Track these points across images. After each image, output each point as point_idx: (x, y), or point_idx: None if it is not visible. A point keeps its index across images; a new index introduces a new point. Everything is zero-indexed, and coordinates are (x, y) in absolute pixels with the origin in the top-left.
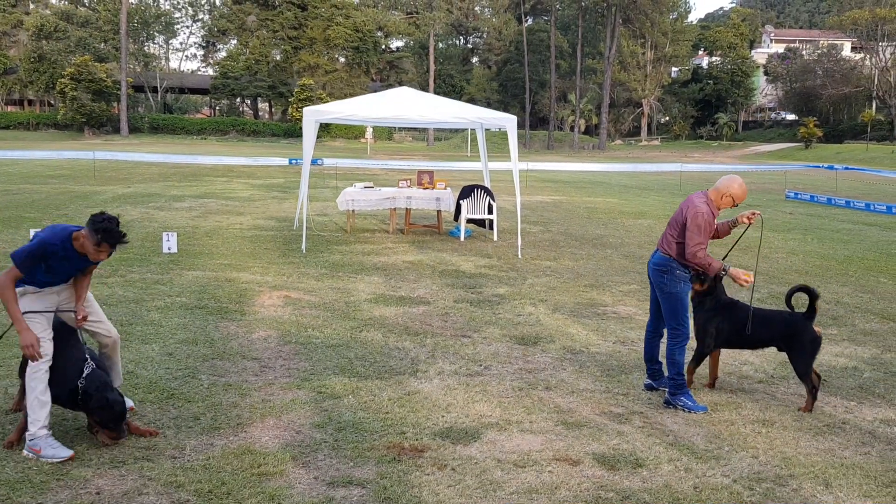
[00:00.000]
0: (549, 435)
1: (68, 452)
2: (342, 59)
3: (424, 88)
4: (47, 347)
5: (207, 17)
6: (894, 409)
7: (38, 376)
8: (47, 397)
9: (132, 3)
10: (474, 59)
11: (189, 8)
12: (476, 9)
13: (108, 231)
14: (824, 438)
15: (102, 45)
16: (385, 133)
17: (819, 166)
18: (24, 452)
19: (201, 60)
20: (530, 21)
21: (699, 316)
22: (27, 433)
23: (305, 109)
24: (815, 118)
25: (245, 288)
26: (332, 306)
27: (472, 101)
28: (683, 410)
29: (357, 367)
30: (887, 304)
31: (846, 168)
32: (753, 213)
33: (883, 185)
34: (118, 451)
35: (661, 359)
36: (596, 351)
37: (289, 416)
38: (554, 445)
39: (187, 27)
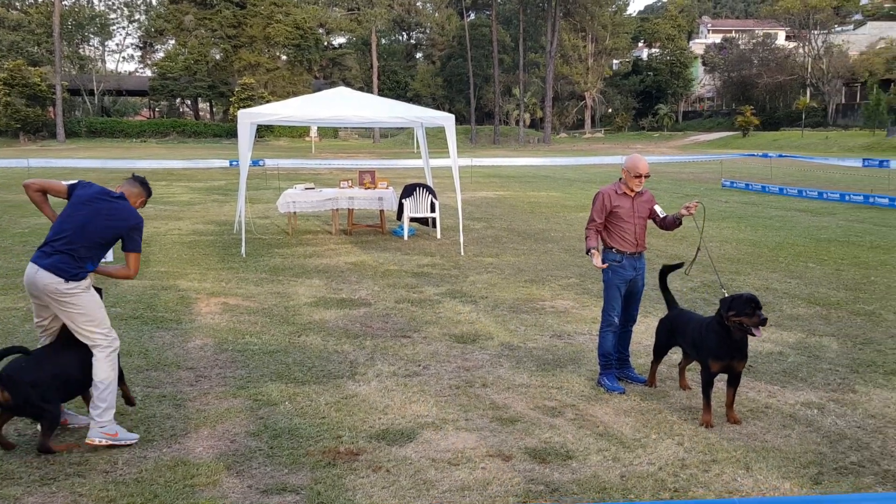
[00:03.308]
0: (483, 432)
1: (136, 436)
2: (283, 57)
3: (368, 85)
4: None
5: (144, 17)
6: (816, 393)
7: (116, 359)
8: None
9: (65, 5)
10: (418, 55)
11: (125, 9)
12: (418, 4)
13: (148, 186)
14: (747, 423)
15: (36, 48)
16: (330, 131)
17: (754, 154)
18: (95, 441)
19: (139, 62)
20: (472, 16)
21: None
22: (100, 420)
23: (240, 112)
24: (751, 106)
25: (182, 296)
26: (270, 312)
27: (417, 97)
28: (604, 390)
29: (295, 372)
30: (814, 288)
31: (780, 155)
32: (692, 205)
33: (815, 171)
34: (49, 467)
35: (622, 349)
36: (533, 346)
37: (224, 425)
38: (488, 442)
39: (123, 28)
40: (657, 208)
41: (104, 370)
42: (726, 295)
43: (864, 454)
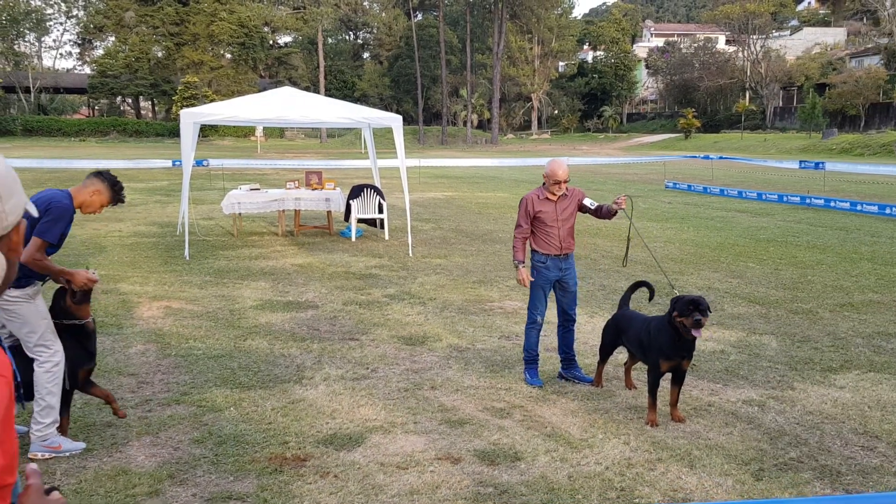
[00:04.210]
0: (432, 435)
1: (82, 445)
2: (228, 56)
3: (315, 85)
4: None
5: (82, 13)
6: (756, 390)
7: (60, 372)
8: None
9: None
10: (365, 55)
11: (62, 4)
12: (365, 4)
13: (122, 187)
14: (691, 421)
15: None
16: (276, 131)
17: (696, 156)
18: (38, 455)
19: (77, 59)
20: (419, 16)
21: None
22: (41, 434)
23: (182, 112)
24: (693, 109)
25: (123, 300)
26: (215, 315)
27: (364, 97)
28: (525, 382)
29: (240, 377)
30: (754, 288)
31: (721, 157)
32: (620, 200)
33: (755, 172)
34: None
35: (566, 350)
36: (481, 347)
37: (167, 432)
38: (437, 445)
39: (61, 24)
40: (587, 202)
41: (44, 384)
42: (677, 294)
43: (803, 450)
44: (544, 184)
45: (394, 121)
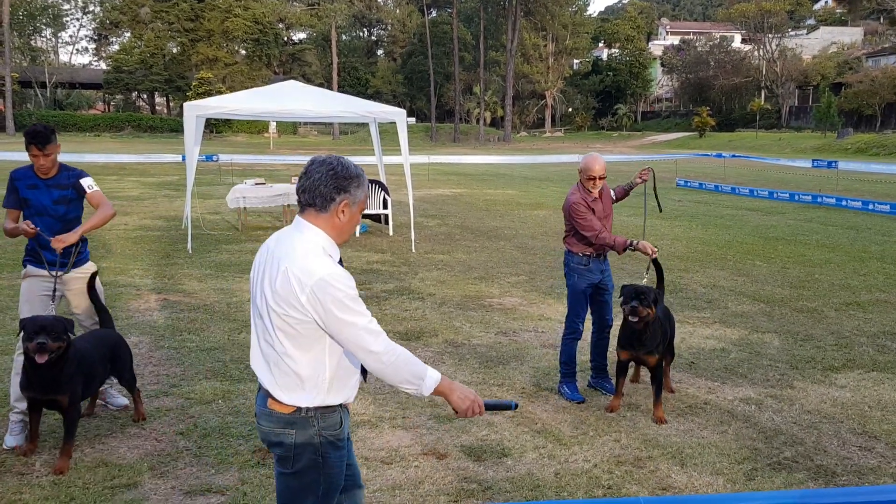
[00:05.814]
0: (420, 430)
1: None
2: (242, 52)
3: (328, 81)
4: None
5: (98, 8)
6: (755, 388)
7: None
8: None
9: None
10: (379, 52)
11: (78, 0)
12: (379, 0)
13: (29, 132)
14: (685, 419)
15: None
16: (289, 127)
17: (709, 154)
18: None
19: (93, 54)
20: (433, 13)
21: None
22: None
23: (185, 105)
24: (708, 108)
25: (121, 292)
26: (212, 308)
27: (377, 94)
28: (563, 398)
29: (231, 370)
30: (760, 286)
31: (734, 156)
32: (645, 171)
33: (768, 171)
34: None
35: (599, 358)
36: (477, 343)
37: (152, 424)
38: (423, 440)
39: (77, 20)
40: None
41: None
42: (645, 280)
43: (799, 449)
44: (580, 182)
45: (398, 115)
